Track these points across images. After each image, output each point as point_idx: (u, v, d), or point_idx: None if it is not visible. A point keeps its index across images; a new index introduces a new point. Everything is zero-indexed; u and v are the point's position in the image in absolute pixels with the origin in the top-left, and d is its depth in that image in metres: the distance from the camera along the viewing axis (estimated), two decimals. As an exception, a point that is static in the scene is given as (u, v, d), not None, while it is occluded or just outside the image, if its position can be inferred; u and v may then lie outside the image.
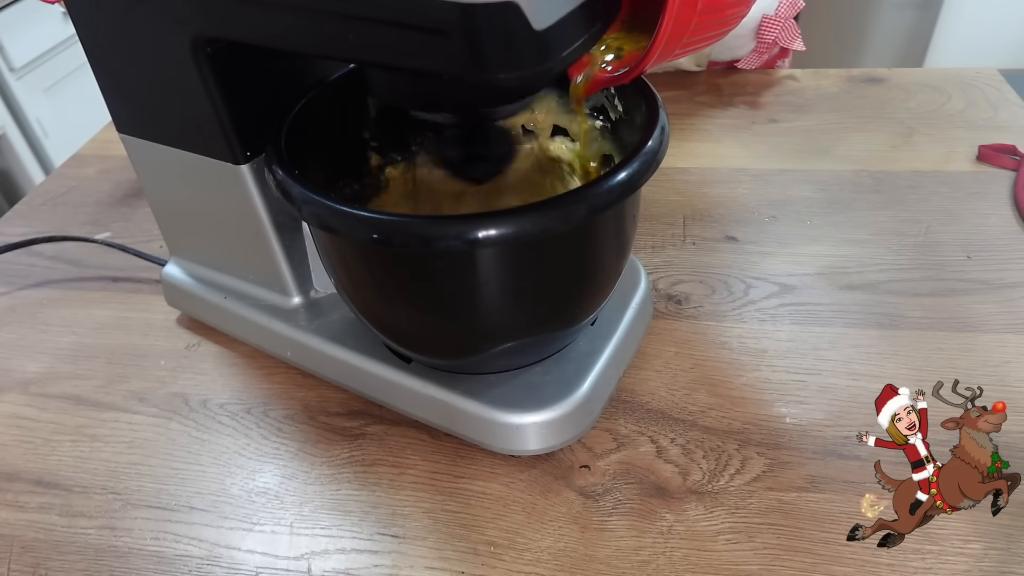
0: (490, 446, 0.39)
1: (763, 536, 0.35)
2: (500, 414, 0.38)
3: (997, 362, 0.43)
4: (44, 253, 0.59)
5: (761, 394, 0.42)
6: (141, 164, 0.44)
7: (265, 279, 0.44)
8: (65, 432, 0.44)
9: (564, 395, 0.38)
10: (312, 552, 0.36)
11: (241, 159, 0.38)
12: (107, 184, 0.67)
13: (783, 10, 0.70)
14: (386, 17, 0.26)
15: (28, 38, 1.46)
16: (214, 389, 0.46)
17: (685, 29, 0.28)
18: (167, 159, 0.41)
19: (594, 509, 0.37)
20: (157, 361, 0.48)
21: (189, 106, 0.37)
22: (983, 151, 0.60)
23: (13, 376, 0.48)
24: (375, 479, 0.39)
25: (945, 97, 0.69)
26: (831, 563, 0.34)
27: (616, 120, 0.40)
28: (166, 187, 0.44)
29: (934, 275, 0.49)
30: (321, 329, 0.43)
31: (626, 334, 0.43)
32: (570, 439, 0.39)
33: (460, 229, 0.29)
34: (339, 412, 0.43)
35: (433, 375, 0.40)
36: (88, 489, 0.40)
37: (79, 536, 0.38)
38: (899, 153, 0.62)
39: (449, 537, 0.37)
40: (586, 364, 0.40)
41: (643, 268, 0.46)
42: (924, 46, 1.90)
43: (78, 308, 0.53)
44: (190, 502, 0.39)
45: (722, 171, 0.62)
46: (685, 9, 0.27)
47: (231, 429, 0.43)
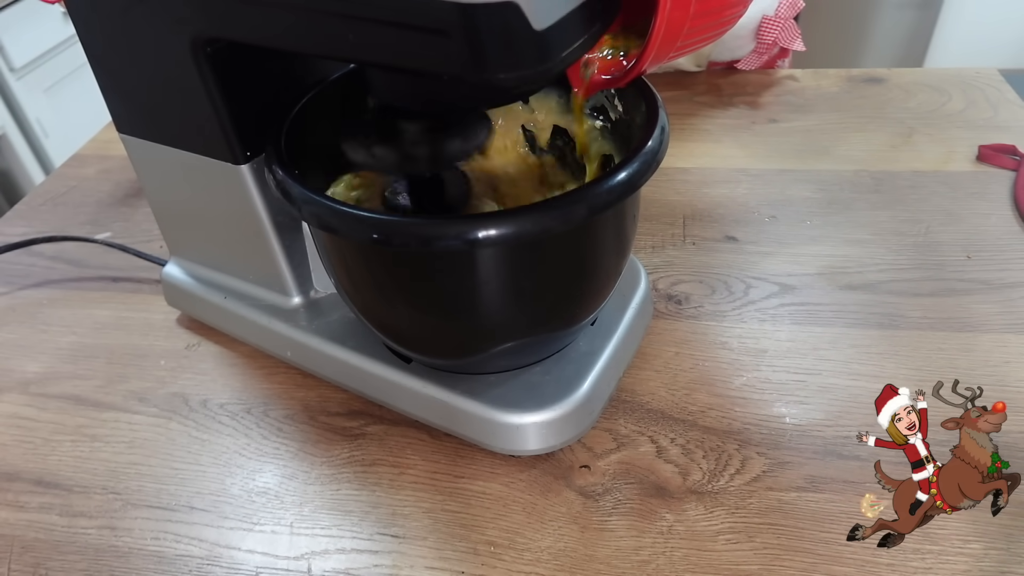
0: (490, 446, 0.39)
1: (763, 536, 0.35)
2: (500, 414, 0.38)
3: (997, 362, 0.43)
4: (44, 253, 0.59)
5: (761, 394, 0.42)
6: (141, 164, 0.44)
7: (265, 279, 0.44)
8: (65, 432, 0.44)
9: (564, 395, 0.38)
10: (312, 552, 0.36)
11: (241, 159, 0.38)
12: (107, 184, 0.67)
13: (783, 10, 0.70)
14: (386, 17, 0.26)
15: (28, 38, 1.46)
16: (214, 389, 0.46)
17: (678, 33, 0.28)
18: (167, 159, 0.41)
19: (594, 509, 0.37)
20: (157, 361, 0.48)
21: (189, 106, 0.37)
22: (983, 151, 0.60)
23: (13, 376, 0.48)
24: (375, 479, 0.39)
25: (945, 97, 0.69)
26: (831, 563, 0.34)
27: (616, 120, 0.40)
28: (166, 187, 0.44)
29: (934, 275, 0.49)
30: (321, 329, 0.43)
31: (626, 334, 0.43)
32: (570, 439, 0.39)
33: (460, 229, 0.29)
34: (339, 412, 0.43)
35: (433, 375, 0.40)
36: (88, 489, 0.40)
37: (79, 536, 0.38)
38: (899, 153, 0.62)
39: (449, 537, 0.37)
40: (586, 364, 0.40)
41: (643, 268, 0.46)
42: (924, 46, 1.90)
43: (78, 308, 0.53)
44: (190, 502, 0.39)
45: (722, 171, 0.62)
46: (677, 13, 0.27)
47: (231, 429, 0.43)
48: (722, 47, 0.73)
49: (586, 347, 0.41)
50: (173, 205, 0.45)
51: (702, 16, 0.28)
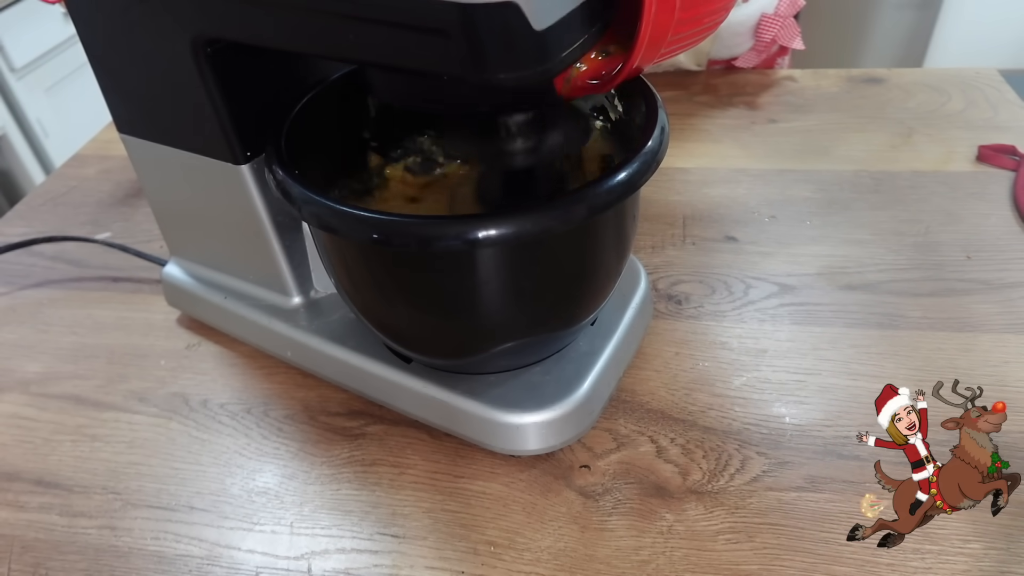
0: (490, 446, 0.39)
1: (763, 536, 0.35)
2: (500, 414, 0.38)
3: (997, 362, 0.43)
4: (44, 253, 0.59)
5: (761, 394, 0.42)
6: (141, 164, 0.44)
7: (265, 279, 0.44)
8: (65, 432, 0.44)
9: (564, 395, 0.38)
10: (312, 552, 0.36)
11: (241, 159, 0.38)
12: (107, 184, 0.67)
13: (783, 8, 0.70)
14: (386, 17, 0.26)
15: (28, 38, 1.46)
16: (214, 389, 0.46)
17: (663, 38, 0.28)
18: (167, 159, 0.41)
19: (594, 509, 0.37)
20: (157, 361, 0.48)
21: (189, 106, 0.37)
22: (983, 151, 0.60)
23: (13, 376, 0.48)
24: (375, 479, 0.40)
25: (945, 97, 0.69)
26: (831, 563, 0.34)
27: (616, 120, 0.40)
28: (166, 187, 0.44)
29: (934, 275, 0.49)
30: (321, 329, 0.43)
31: (626, 334, 0.43)
32: (570, 439, 0.39)
33: (460, 229, 0.29)
34: (339, 412, 0.43)
35: (434, 375, 0.40)
36: (88, 489, 0.40)
37: (79, 536, 0.38)
38: (899, 153, 0.62)
39: (449, 537, 0.37)
40: (586, 364, 0.40)
41: (643, 268, 0.46)
42: (924, 46, 1.90)
43: (78, 308, 0.53)
44: (190, 502, 0.39)
45: (722, 171, 0.62)
46: (662, 18, 0.27)
47: (231, 429, 0.43)
48: (721, 45, 0.73)
49: (586, 347, 0.41)
50: (173, 205, 0.45)
51: (687, 23, 0.28)
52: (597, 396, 0.40)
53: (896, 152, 0.62)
